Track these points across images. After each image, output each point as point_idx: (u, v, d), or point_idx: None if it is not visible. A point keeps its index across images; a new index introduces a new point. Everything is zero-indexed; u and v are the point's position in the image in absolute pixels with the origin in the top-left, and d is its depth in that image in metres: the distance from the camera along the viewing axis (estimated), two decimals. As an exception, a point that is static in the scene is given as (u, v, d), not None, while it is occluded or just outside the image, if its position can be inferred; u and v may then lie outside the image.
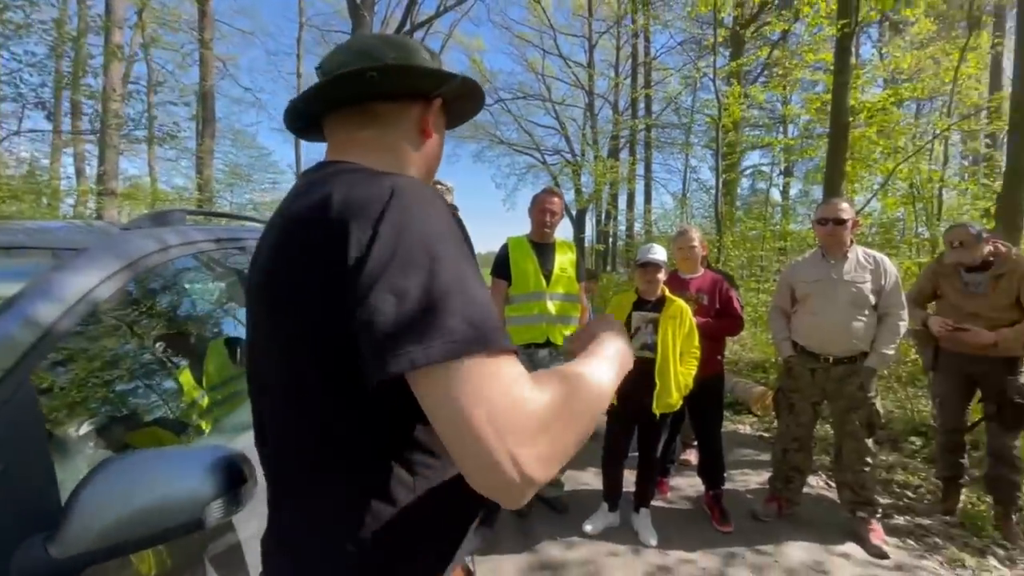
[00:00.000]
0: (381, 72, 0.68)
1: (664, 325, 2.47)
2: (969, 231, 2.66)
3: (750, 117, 13.28)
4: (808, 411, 2.72)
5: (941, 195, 6.44)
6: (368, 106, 0.72)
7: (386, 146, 0.73)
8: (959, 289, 2.73)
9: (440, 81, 0.73)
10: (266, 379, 0.67)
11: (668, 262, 2.63)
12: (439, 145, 0.81)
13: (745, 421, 4.57)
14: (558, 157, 23.80)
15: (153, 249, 1.08)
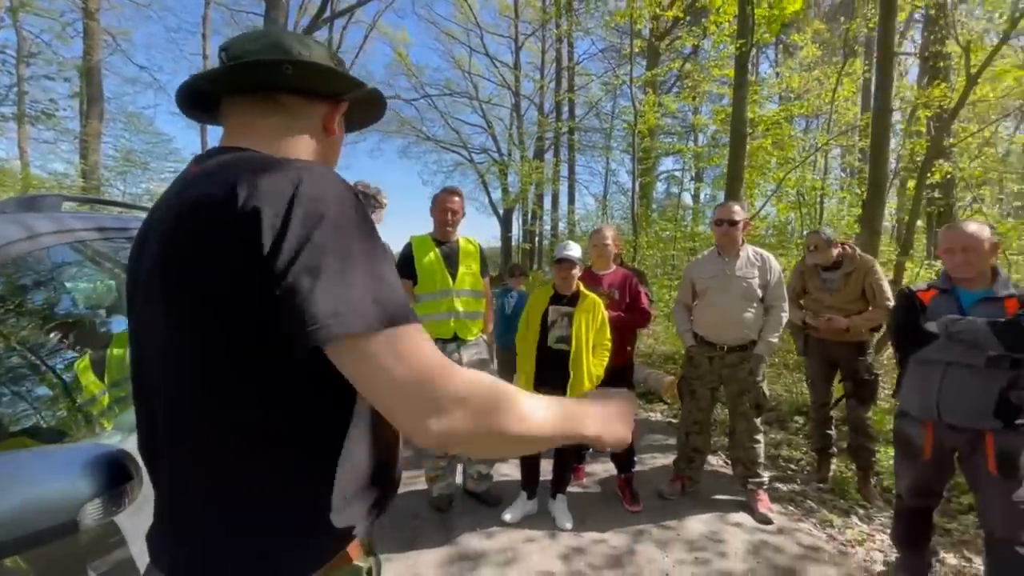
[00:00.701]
0: (296, 67, 0.70)
1: (578, 319, 2.59)
2: (822, 237, 3.11)
3: (664, 125, 14.12)
4: (707, 396, 2.97)
5: (822, 202, 7.24)
6: (276, 96, 0.73)
7: (290, 137, 0.74)
8: (819, 286, 3.16)
9: (350, 86, 0.78)
10: (162, 376, 0.64)
11: (584, 259, 2.76)
12: (338, 146, 0.85)
13: (656, 409, 4.88)
14: (485, 156, 23.88)
15: (16, 237, 0.97)
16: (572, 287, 2.66)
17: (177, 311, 0.60)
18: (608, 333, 2.69)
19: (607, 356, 2.68)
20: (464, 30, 22.55)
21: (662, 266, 9.15)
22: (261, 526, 0.63)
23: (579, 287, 2.69)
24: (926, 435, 2.06)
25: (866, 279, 2.99)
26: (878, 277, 3.00)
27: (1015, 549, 1.88)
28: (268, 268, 0.54)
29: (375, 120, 0.93)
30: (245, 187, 0.56)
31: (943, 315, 2.02)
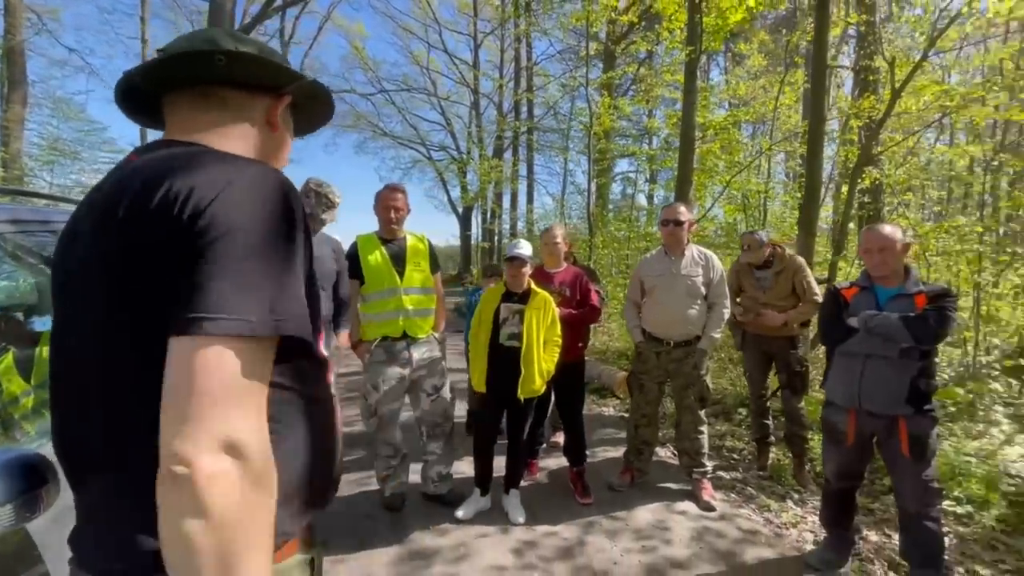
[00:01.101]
0: (230, 58, 0.70)
1: (529, 316, 2.64)
2: (755, 237, 3.30)
3: (620, 127, 14.46)
4: (655, 390, 3.09)
5: (766, 204, 7.63)
6: (214, 90, 0.73)
7: (232, 132, 0.74)
8: (753, 284, 3.34)
9: (289, 77, 0.76)
10: (93, 366, 0.63)
11: (534, 257, 2.80)
12: (285, 143, 0.84)
13: (609, 404, 5.01)
14: (444, 153, 23.72)
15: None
16: (523, 285, 2.70)
17: (112, 301, 0.60)
18: (559, 330, 2.75)
19: (558, 352, 2.74)
20: (422, 25, 22.33)
21: (617, 265, 9.38)
22: None
23: (530, 285, 2.73)
24: (849, 422, 2.23)
25: (795, 277, 3.19)
26: (806, 275, 3.20)
27: (925, 523, 2.06)
28: (179, 262, 0.55)
29: (324, 119, 0.91)
30: (177, 182, 0.57)
31: (863, 311, 2.18)
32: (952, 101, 5.66)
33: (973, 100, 5.76)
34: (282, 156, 0.84)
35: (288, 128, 0.84)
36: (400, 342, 2.66)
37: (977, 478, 2.91)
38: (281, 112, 0.79)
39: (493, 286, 2.87)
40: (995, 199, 7.35)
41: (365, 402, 2.69)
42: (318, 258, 2.54)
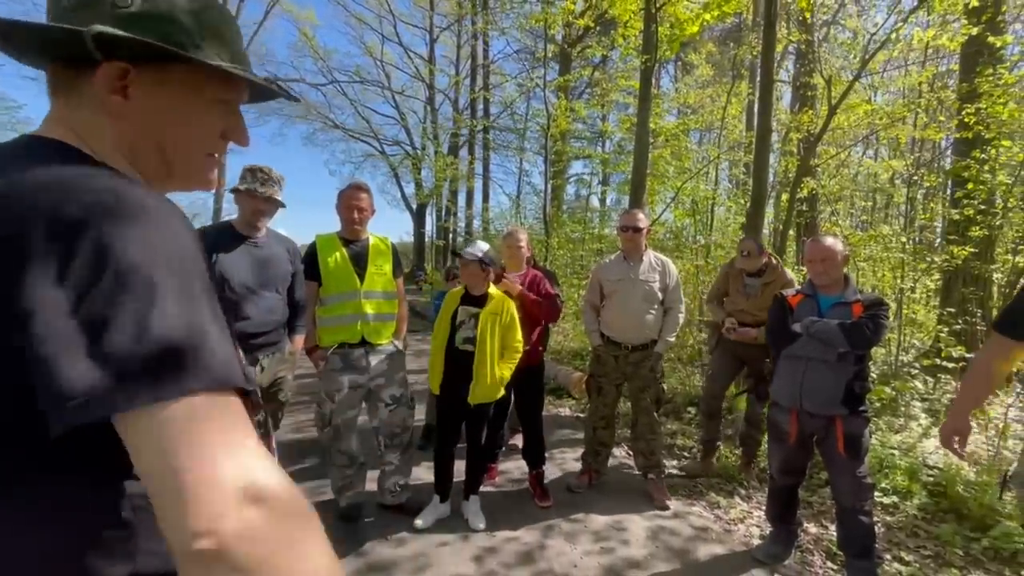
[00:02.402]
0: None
1: (484, 319, 2.59)
2: (755, 244, 3.34)
3: (575, 130, 14.70)
4: (612, 392, 3.15)
5: (713, 210, 7.97)
6: (50, 70, 0.59)
7: (75, 126, 0.58)
8: (739, 290, 3.37)
9: (75, 39, 0.52)
10: None
11: (495, 260, 2.79)
12: (172, 125, 0.61)
13: (566, 404, 5.08)
14: (398, 148, 23.25)
15: None
16: (482, 287, 2.66)
17: None
18: (518, 335, 2.72)
19: (516, 358, 2.71)
20: (376, 16, 21.73)
21: (571, 266, 9.53)
22: None
23: (488, 288, 2.69)
24: (792, 421, 2.36)
25: (779, 291, 3.15)
26: None
27: (859, 517, 2.22)
28: (30, 316, 0.42)
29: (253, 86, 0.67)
30: (23, 203, 0.46)
31: (806, 317, 2.32)
32: (880, 120, 6.11)
33: (897, 119, 6.26)
34: (168, 149, 0.62)
35: (172, 105, 0.61)
36: (358, 349, 2.58)
37: (901, 470, 3.17)
38: (133, 86, 0.57)
39: (455, 288, 2.84)
40: (913, 210, 8.02)
41: (320, 411, 2.59)
42: (273, 257, 2.42)
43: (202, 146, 0.65)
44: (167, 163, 0.63)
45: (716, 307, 3.53)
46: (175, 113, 0.61)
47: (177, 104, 0.61)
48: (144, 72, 0.57)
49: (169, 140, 0.61)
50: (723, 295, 3.54)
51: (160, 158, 0.62)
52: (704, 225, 7.56)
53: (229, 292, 2.21)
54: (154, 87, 0.59)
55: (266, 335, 2.35)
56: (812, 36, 6.96)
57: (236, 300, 2.23)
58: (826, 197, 7.59)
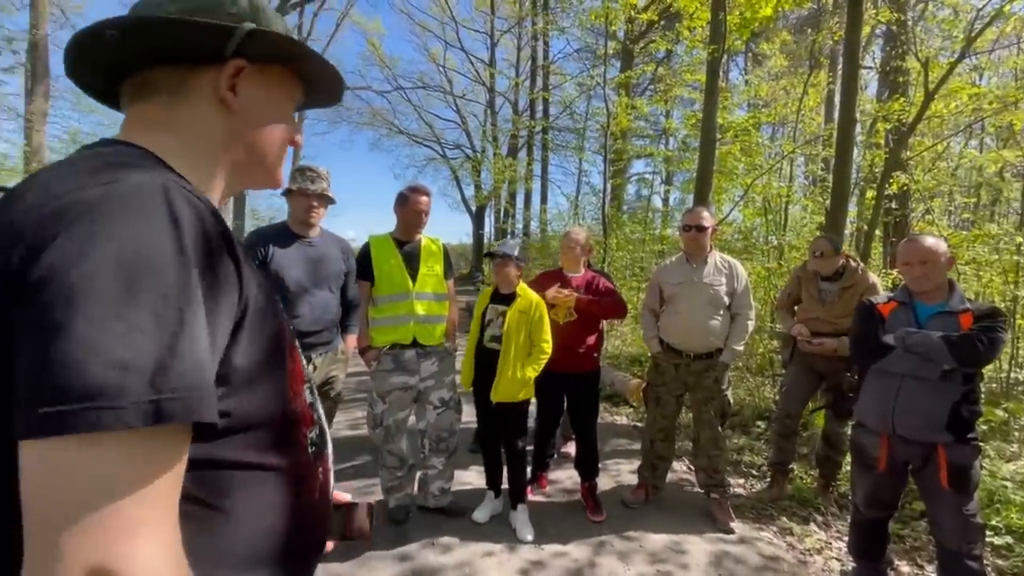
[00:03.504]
0: (124, 30, 0.53)
1: (510, 317, 2.56)
2: (829, 244, 2.98)
3: (636, 128, 14.24)
4: (672, 403, 2.95)
5: (787, 209, 7.41)
6: (142, 75, 0.58)
7: (172, 124, 0.58)
8: (814, 295, 3.03)
9: (219, 36, 0.55)
10: None
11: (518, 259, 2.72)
12: (265, 122, 0.64)
13: (622, 412, 4.87)
14: (458, 152, 23.68)
15: None
16: (512, 285, 2.63)
17: None
18: (547, 334, 2.63)
19: (543, 359, 2.62)
20: (439, 23, 22.26)
21: (631, 268, 9.20)
22: None
23: (518, 286, 2.64)
24: (881, 446, 2.08)
25: (864, 296, 2.74)
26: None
27: (967, 563, 1.90)
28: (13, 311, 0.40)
29: (334, 82, 0.70)
30: (32, 201, 0.44)
31: (901, 328, 2.03)
32: (990, 105, 5.40)
33: (1010, 104, 5.51)
34: (261, 140, 0.64)
35: (265, 102, 0.63)
36: (409, 350, 2.57)
37: (1016, 506, 2.73)
38: (240, 83, 0.60)
39: (486, 287, 2.81)
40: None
41: (371, 411, 2.60)
42: (327, 257, 2.45)
43: (284, 142, 0.68)
44: (253, 158, 0.65)
45: (786, 315, 3.22)
46: (270, 109, 0.65)
47: (273, 101, 0.65)
48: (251, 70, 0.61)
49: (260, 135, 0.64)
50: (794, 301, 3.22)
51: (249, 154, 0.65)
52: (777, 225, 7.03)
53: (283, 290, 2.26)
54: (257, 85, 0.62)
55: (319, 333, 2.38)
56: (905, 15, 6.28)
57: (290, 298, 2.28)
58: (920, 193, 6.83)
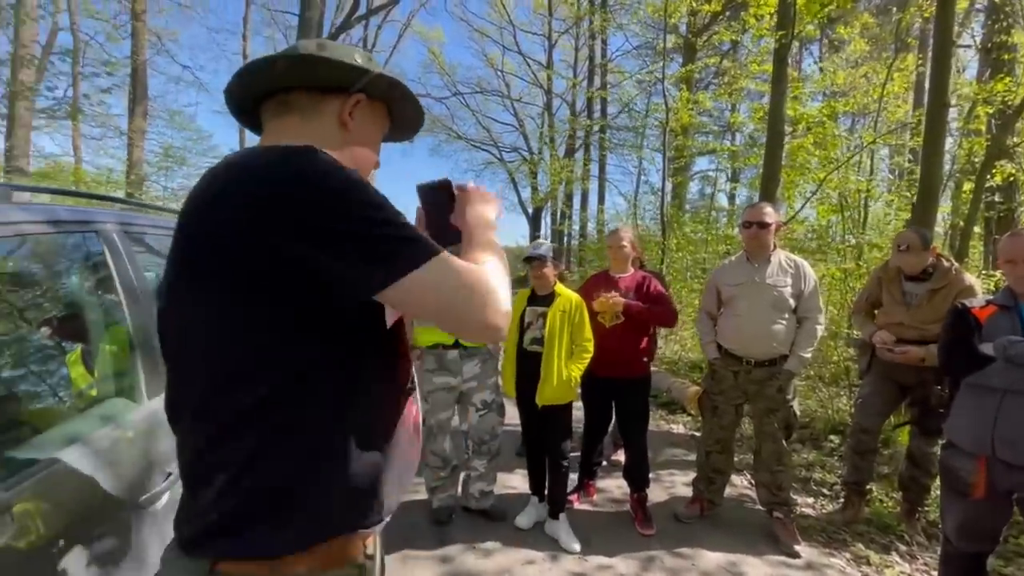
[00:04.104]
0: (290, 62, 0.74)
1: (552, 317, 2.50)
2: (917, 237, 2.61)
3: (700, 124, 13.64)
4: (730, 413, 2.74)
5: (867, 205, 6.79)
6: (287, 96, 0.77)
7: (303, 134, 0.77)
8: (896, 298, 2.70)
9: (353, 74, 0.77)
10: (186, 341, 0.68)
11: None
12: (366, 144, 0.84)
13: (679, 421, 4.64)
14: (515, 154, 23.80)
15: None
16: (549, 286, 2.58)
17: (197, 286, 0.64)
18: (588, 333, 2.57)
19: (586, 358, 2.55)
20: (497, 28, 22.51)
21: (692, 269, 8.80)
22: (266, 488, 0.63)
23: (556, 286, 2.60)
24: (978, 472, 1.80)
25: (958, 300, 2.34)
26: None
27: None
28: (314, 233, 0.60)
29: (416, 115, 0.91)
30: (269, 170, 0.62)
31: (1002, 335, 1.76)
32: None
33: None
34: (360, 155, 0.82)
35: (367, 132, 0.84)
36: (452, 351, 2.56)
37: None
38: (355, 113, 0.80)
39: (523, 290, 2.75)
40: None
41: (414, 409, 2.61)
42: None
43: (372, 161, 0.86)
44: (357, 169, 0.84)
45: (864, 320, 2.90)
46: (370, 133, 0.84)
47: (373, 128, 0.85)
48: (365, 102, 0.81)
49: (360, 152, 0.82)
50: (873, 305, 2.90)
51: (350, 165, 0.78)
52: (855, 223, 6.45)
53: None
54: (366, 114, 0.82)
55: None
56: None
57: None
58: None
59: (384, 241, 0.61)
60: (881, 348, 2.67)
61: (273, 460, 0.63)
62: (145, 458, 1.23)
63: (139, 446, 1.23)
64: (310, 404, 0.64)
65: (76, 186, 10.16)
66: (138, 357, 1.33)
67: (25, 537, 0.91)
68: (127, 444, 1.21)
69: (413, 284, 0.62)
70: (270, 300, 0.62)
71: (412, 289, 0.62)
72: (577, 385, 2.58)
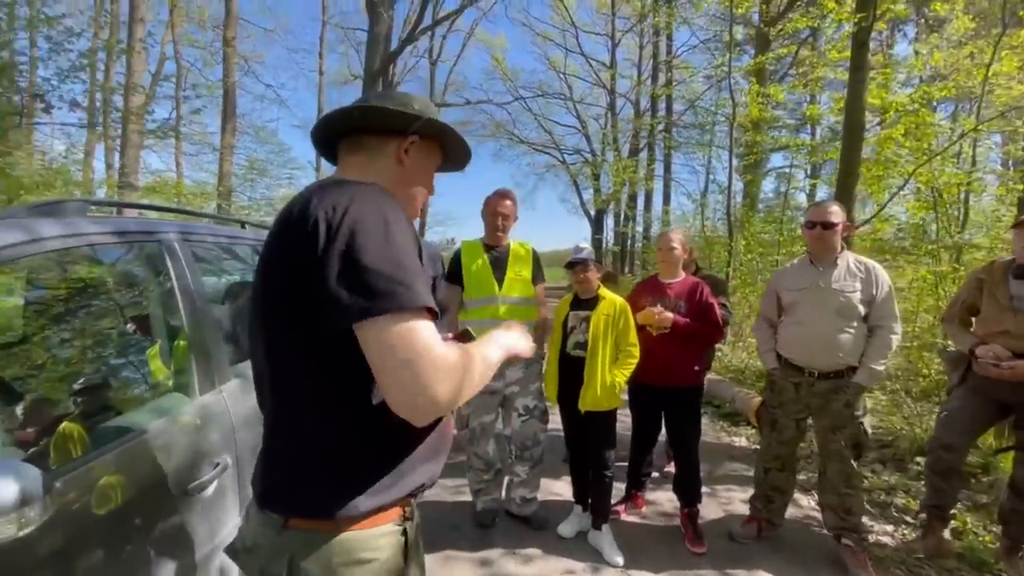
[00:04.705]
0: (363, 111, 0.92)
1: (596, 321, 2.44)
2: None
3: (774, 118, 12.82)
4: (791, 428, 2.55)
5: (967, 200, 6.07)
6: (358, 137, 0.95)
7: (371, 170, 0.94)
8: (1003, 303, 2.35)
9: (406, 120, 0.93)
10: (267, 344, 0.84)
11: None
12: (419, 176, 1.00)
13: (743, 433, 4.37)
14: (578, 156, 23.64)
15: (13, 241, 1.02)
16: (592, 290, 2.53)
17: (264, 303, 0.81)
18: (633, 337, 2.48)
19: (632, 363, 2.46)
20: (560, 31, 22.51)
21: (763, 272, 8.28)
22: (328, 464, 0.80)
23: (599, 290, 2.55)
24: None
25: None
26: None
27: None
28: (319, 264, 0.72)
29: (463, 149, 1.06)
30: (315, 204, 0.76)
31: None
32: None
33: None
34: (414, 185, 0.99)
35: (421, 166, 0.99)
36: None
37: None
38: (410, 149, 0.95)
39: (567, 295, 2.70)
40: None
41: (458, 411, 2.65)
42: None
43: (426, 193, 1.04)
44: (411, 199, 1.00)
45: (958, 329, 2.58)
46: (423, 168, 1.01)
47: (426, 163, 1.02)
48: (419, 143, 0.97)
49: (414, 185, 0.99)
50: (970, 311, 2.57)
51: (409, 196, 0.99)
52: (953, 219, 5.78)
53: None
54: (420, 152, 0.98)
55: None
56: None
57: None
58: None
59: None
60: (983, 362, 2.35)
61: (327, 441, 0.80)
62: (196, 449, 1.34)
63: (191, 437, 1.34)
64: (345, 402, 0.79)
65: (177, 198, 11.33)
66: (192, 356, 1.45)
67: (105, 505, 1.04)
68: (182, 434, 1.32)
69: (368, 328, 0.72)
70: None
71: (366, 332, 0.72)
72: (622, 392, 2.51)
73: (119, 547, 1.06)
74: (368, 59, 11.65)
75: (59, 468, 1.00)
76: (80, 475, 1.01)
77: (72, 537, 0.94)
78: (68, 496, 0.95)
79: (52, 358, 1.45)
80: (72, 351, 1.49)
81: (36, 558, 0.86)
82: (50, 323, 1.46)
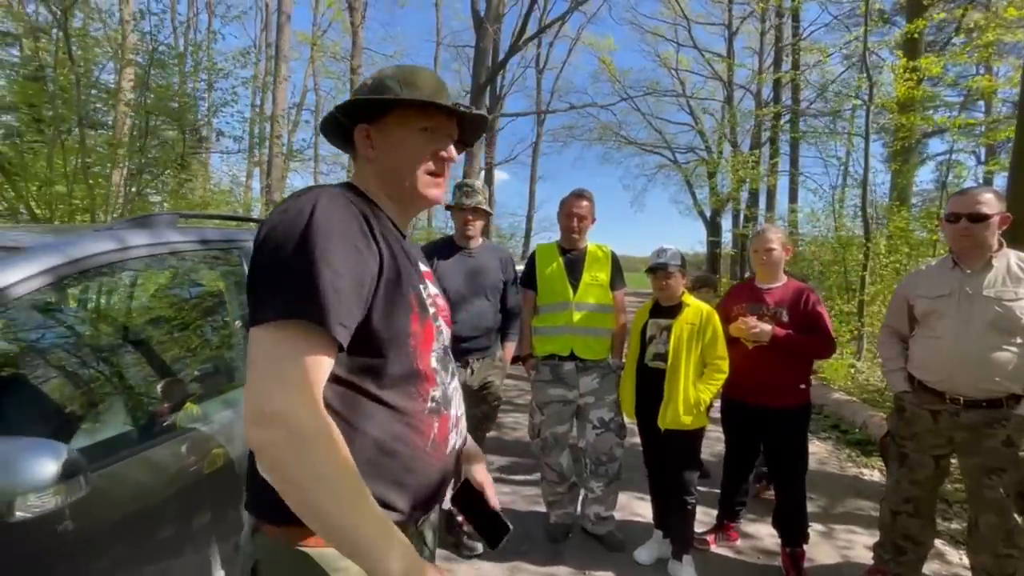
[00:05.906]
0: (322, 128, 0.93)
1: (678, 331, 2.21)
2: None
3: (931, 95, 10.87)
4: (928, 465, 2.09)
5: None
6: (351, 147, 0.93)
7: (359, 174, 0.91)
8: None
9: (363, 108, 0.87)
10: None
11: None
12: (400, 158, 0.88)
13: (874, 465, 3.73)
14: (691, 155, 22.38)
15: (105, 249, 1.18)
16: (674, 298, 2.30)
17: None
18: (721, 350, 2.21)
19: (720, 378, 2.20)
20: (671, 25, 21.55)
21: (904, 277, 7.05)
22: None
23: (683, 296, 2.31)
24: None
25: None
26: None
27: None
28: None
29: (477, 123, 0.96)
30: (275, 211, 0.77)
31: None
32: None
33: None
34: (401, 171, 0.88)
35: (392, 142, 0.87)
36: (568, 363, 2.47)
37: None
38: (372, 137, 0.87)
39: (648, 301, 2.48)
40: None
41: (532, 420, 2.59)
42: (485, 267, 2.55)
43: (418, 162, 0.88)
44: (402, 184, 0.88)
45: None
46: (394, 141, 0.87)
47: (395, 136, 0.87)
48: (376, 127, 0.87)
49: (397, 163, 0.87)
50: None
51: (398, 182, 0.88)
52: None
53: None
54: (382, 133, 0.87)
55: (475, 339, 2.48)
56: None
57: (450, 306, 2.44)
58: None
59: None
60: None
61: None
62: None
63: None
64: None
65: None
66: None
67: (174, 484, 1.19)
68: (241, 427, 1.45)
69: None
70: None
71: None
72: (708, 409, 2.26)
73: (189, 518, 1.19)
74: (475, 73, 12.12)
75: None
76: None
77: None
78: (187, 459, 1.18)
79: (185, 346, 1.66)
80: (193, 343, 1.70)
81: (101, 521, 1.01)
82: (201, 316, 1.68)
